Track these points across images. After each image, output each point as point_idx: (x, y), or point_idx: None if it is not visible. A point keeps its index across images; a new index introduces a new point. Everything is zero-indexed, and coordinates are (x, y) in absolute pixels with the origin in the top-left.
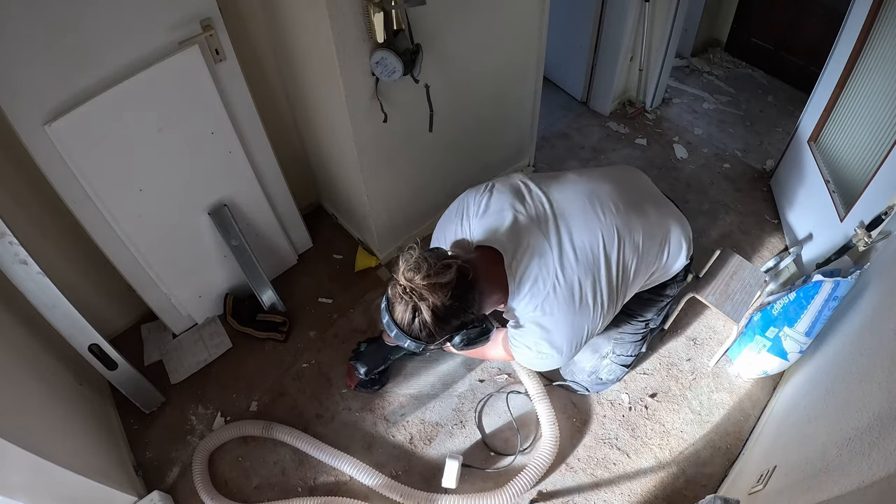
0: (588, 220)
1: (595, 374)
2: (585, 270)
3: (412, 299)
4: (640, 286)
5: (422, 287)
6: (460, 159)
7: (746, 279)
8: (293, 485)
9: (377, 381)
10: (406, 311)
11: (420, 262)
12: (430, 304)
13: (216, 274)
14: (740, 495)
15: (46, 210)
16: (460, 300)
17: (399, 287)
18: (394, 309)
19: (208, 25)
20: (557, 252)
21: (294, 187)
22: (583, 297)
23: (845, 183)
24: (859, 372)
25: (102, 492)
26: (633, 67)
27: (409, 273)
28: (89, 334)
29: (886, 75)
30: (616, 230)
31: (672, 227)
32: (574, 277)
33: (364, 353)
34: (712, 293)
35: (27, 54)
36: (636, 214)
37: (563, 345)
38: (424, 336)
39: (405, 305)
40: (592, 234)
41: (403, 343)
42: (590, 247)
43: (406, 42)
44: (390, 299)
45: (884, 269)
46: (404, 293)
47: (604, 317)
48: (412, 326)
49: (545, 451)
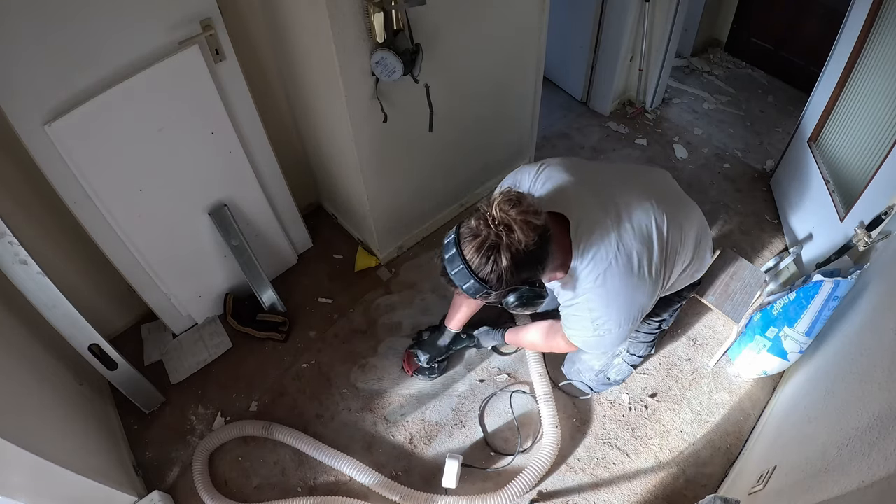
0: (640, 199)
1: (604, 373)
2: (641, 243)
3: (498, 235)
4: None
5: (517, 221)
6: (460, 159)
7: (746, 279)
8: (293, 485)
9: (436, 369)
10: (483, 246)
11: (520, 196)
12: (515, 243)
13: (216, 274)
14: (740, 495)
15: (46, 210)
16: (540, 250)
17: (487, 217)
18: (464, 244)
19: (208, 25)
20: (617, 223)
21: (294, 187)
22: (640, 269)
23: (845, 183)
24: (859, 372)
25: (102, 492)
26: (633, 67)
27: (505, 205)
28: (89, 334)
29: (886, 75)
30: (664, 211)
31: (705, 229)
32: (633, 249)
33: (426, 342)
34: (712, 293)
35: (27, 54)
36: (680, 208)
37: (621, 317)
38: (494, 280)
39: (484, 241)
40: (644, 212)
41: (463, 284)
42: (644, 222)
43: (406, 42)
44: (462, 234)
45: (884, 269)
46: (492, 224)
47: (654, 294)
48: (483, 267)
49: (546, 452)
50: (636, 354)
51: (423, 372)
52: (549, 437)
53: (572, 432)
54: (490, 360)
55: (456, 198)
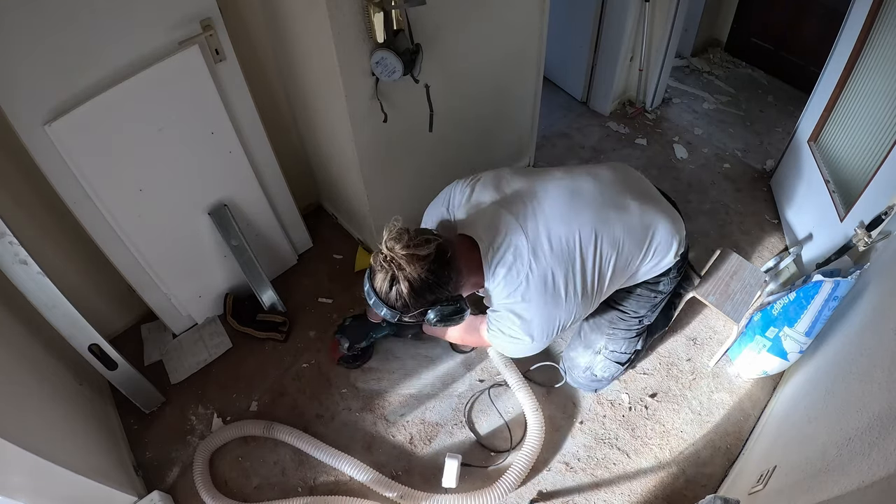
0: (565, 215)
1: (590, 370)
2: (559, 262)
3: (391, 268)
4: (626, 280)
5: (401, 257)
6: (461, 159)
7: (746, 279)
8: (293, 485)
9: (359, 356)
10: (385, 279)
11: (402, 232)
12: (408, 275)
13: (216, 274)
14: (740, 495)
15: (46, 210)
16: (436, 275)
17: (380, 255)
18: (374, 277)
19: (208, 25)
20: (532, 244)
21: (294, 187)
22: (555, 288)
23: (845, 183)
24: (859, 372)
25: (102, 492)
26: (633, 67)
27: (391, 242)
28: (89, 334)
29: (886, 75)
30: (593, 225)
31: (659, 222)
32: (547, 269)
33: (348, 328)
34: (712, 293)
35: (27, 54)
36: (616, 210)
37: (534, 331)
38: (400, 306)
39: (384, 274)
40: (568, 229)
41: (380, 311)
42: (565, 240)
43: (406, 42)
44: (372, 267)
45: (884, 269)
46: (384, 262)
47: (577, 308)
48: (389, 295)
49: (531, 441)
50: (618, 351)
51: (346, 359)
52: (532, 422)
53: (573, 432)
54: (490, 359)
55: None
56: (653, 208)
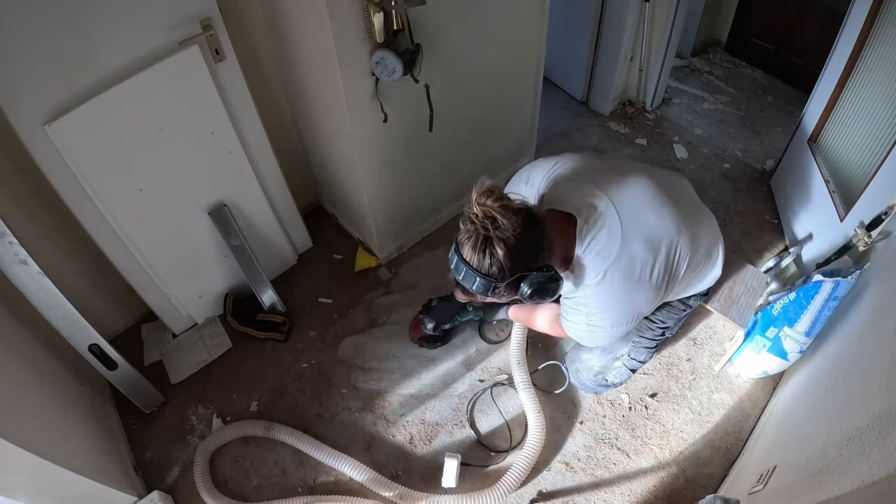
0: (655, 206)
1: (602, 374)
2: (647, 250)
3: (484, 228)
4: (681, 288)
5: (496, 210)
6: (461, 159)
7: (749, 282)
8: (293, 485)
9: (440, 338)
10: (477, 243)
11: (492, 187)
12: (503, 233)
13: (216, 274)
14: (740, 495)
15: (46, 210)
16: (530, 232)
17: (471, 215)
18: (462, 247)
19: (208, 25)
20: (626, 227)
21: (294, 187)
22: (641, 274)
23: (845, 183)
24: (859, 372)
25: (102, 492)
26: (633, 67)
27: (482, 198)
28: (89, 334)
29: (886, 75)
30: (677, 222)
31: (718, 238)
32: (636, 253)
33: (434, 308)
34: (717, 299)
35: (27, 54)
36: (696, 215)
37: (615, 318)
38: (495, 272)
39: (476, 238)
40: (658, 219)
41: (472, 283)
42: (654, 229)
43: (406, 42)
44: (459, 240)
45: (884, 269)
46: (476, 220)
47: (654, 300)
48: (483, 262)
49: (532, 443)
50: (636, 359)
51: (427, 340)
52: (533, 424)
53: (573, 432)
54: (490, 359)
55: (456, 198)
56: (712, 222)
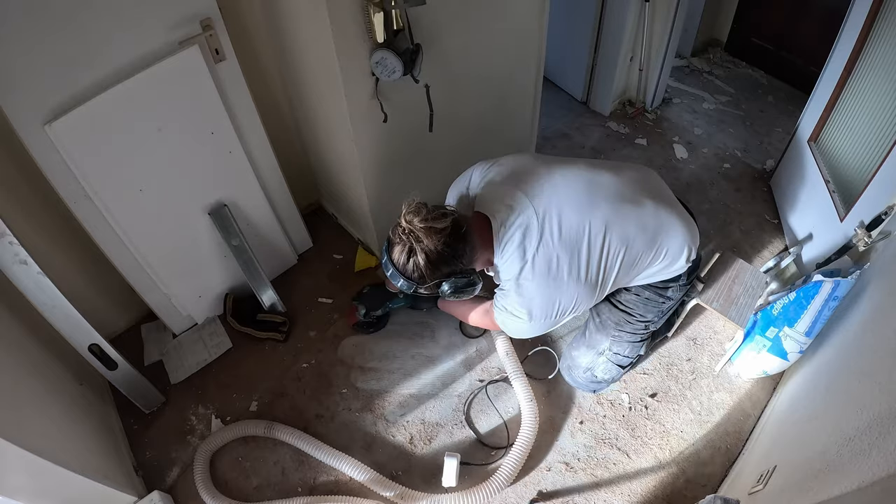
0: (580, 204)
1: (591, 370)
2: (565, 248)
3: (409, 240)
4: (635, 279)
5: (419, 230)
6: (460, 159)
7: (748, 282)
8: (293, 485)
9: (373, 324)
10: (402, 251)
11: (420, 206)
12: (425, 247)
13: (216, 274)
14: (740, 495)
15: (46, 210)
16: (452, 248)
17: (399, 228)
18: (392, 249)
19: (208, 25)
20: (542, 227)
21: (294, 187)
22: (558, 271)
23: (845, 183)
24: (859, 371)
25: (102, 492)
26: (633, 67)
27: (409, 216)
28: (89, 334)
29: (886, 75)
30: (605, 218)
31: (673, 226)
32: (552, 252)
33: (366, 295)
34: (716, 299)
35: (27, 54)
36: (632, 206)
37: (534, 310)
38: (416, 277)
39: (402, 246)
40: (580, 217)
41: (397, 282)
42: (575, 228)
43: (406, 42)
44: (391, 240)
45: (884, 269)
46: (402, 234)
47: (579, 295)
48: (406, 267)
49: (525, 430)
50: (621, 354)
51: (361, 325)
52: (526, 411)
53: (573, 432)
54: (490, 359)
55: None
56: (668, 211)
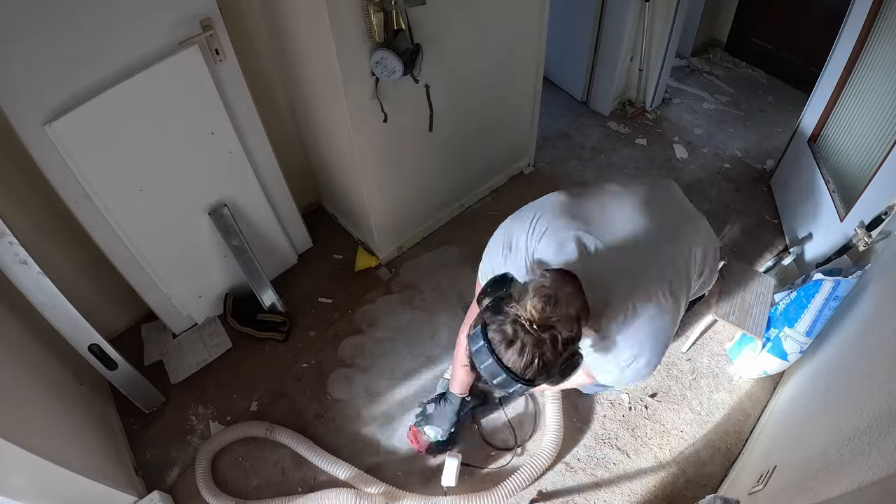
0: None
1: None
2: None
3: (539, 336)
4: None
5: (555, 322)
6: (460, 159)
7: (757, 289)
8: (293, 485)
9: (450, 441)
10: (526, 350)
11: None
12: (558, 338)
13: (216, 274)
14: (740, 495)
15: (46, 210)
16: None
17: (522, 323)
18: (503, 352)
19: (208, 25)
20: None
21: (294, 187)
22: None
23: (845, 183)
24: (859, 372)
25: (102, 492)
26: (633, 67)
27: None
28: (89, 334)
29: (886, 75)
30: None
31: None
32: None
33: (433, 416)
34: (732, 312)
35: (27, 54)
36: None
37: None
38: (540, 375)
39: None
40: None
41: (510, 388)
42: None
43: (406, 42)
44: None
45: (884, 269)
46: (531, 329)
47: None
48: (530, 367)
49: (546, 451)
50: None
51: (437, 450)
52: (552, 432)
53: (572, 432)
54: None
55: (456, 198)
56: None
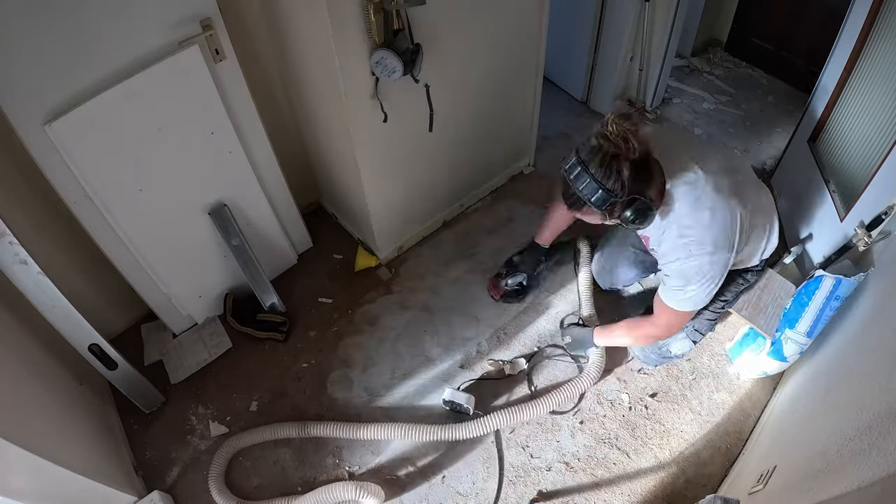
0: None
1: (666, 346)
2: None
3: (617, 146)
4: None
5: (629, 131)
6: (460, 159)
7: (776, 291)
8: (293, 484)
9: (524, 290)
10: (606, 159)
11: (629, 113)
12: (631, 153)
13: (216, 274)
14: (740, 495)
15: (46, 210)
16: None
17: (607, 131)
18: (590, 161)
19: (208, 25)
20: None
21: (294, 187)
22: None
23: (845, 183)
24: (859, 372)
25: (102, 492)
26: (633, 67)
27: (620, 119)
28: (89, 334)
29: (886, 75)
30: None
31: (773, 211)
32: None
33: (520, 262)
34: (745, 307)
35: (27, 54)
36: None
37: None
38: (617, 188)
39: (605, 154)
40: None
41: (592, 196)
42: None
43: (406, 42)
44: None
45: (884, 269)
46: (610, 137)
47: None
48: (609, 177)
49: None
50: (700, 331)
51: (511, 295)
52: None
53: (573, 432)
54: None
55: (456, 198)
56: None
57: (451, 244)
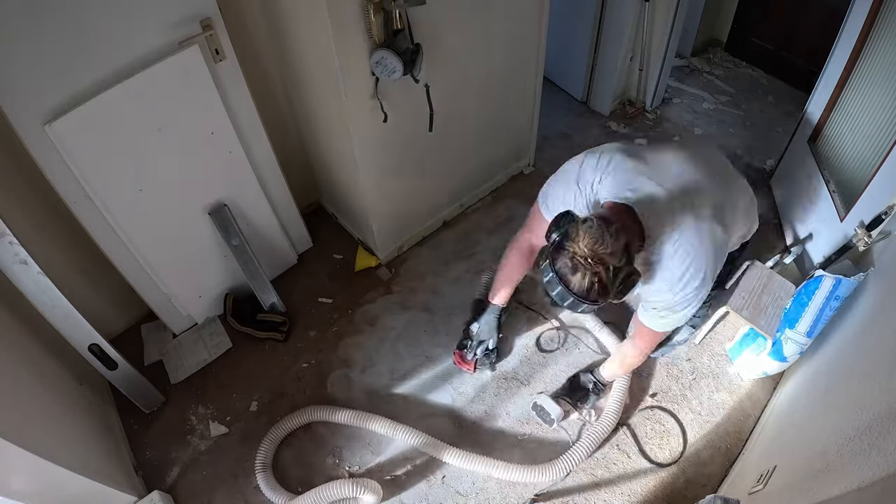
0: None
1: None
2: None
3: (592, 267)
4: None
5: (604, 255)
6: (460, 159)
7: (776, 292)
8: (293, 484)
9: (494, 351)
10: (585, 278)
11: (601, 233)
12: (610, 267)
13: (216, 274)
14: (740, 495)
15: (46, 210)
16: (628, 258)
17: (578, 258)
18: (569, 279)
19: (208, 25)
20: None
21: (294, 187)
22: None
23: (845, 183)
24: (859, 372)
25: (102, 492)
26: (633, 67)
27: (593, 244)
28: (89, 334)
29: (886, 75)
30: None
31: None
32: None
33: (480, 332)
34: (745, 307)
35: (27, 54)
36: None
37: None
38: (602, 295)
39: (584, 273)
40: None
41: (579, 308)
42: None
43: (406, 42)
44: (561, 272)
45: (884, 269)
46: (583, 261)
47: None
48: (591, 291)
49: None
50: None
51: (484, 364)
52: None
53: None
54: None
55: (456, 198)
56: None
57: (452, 244)
